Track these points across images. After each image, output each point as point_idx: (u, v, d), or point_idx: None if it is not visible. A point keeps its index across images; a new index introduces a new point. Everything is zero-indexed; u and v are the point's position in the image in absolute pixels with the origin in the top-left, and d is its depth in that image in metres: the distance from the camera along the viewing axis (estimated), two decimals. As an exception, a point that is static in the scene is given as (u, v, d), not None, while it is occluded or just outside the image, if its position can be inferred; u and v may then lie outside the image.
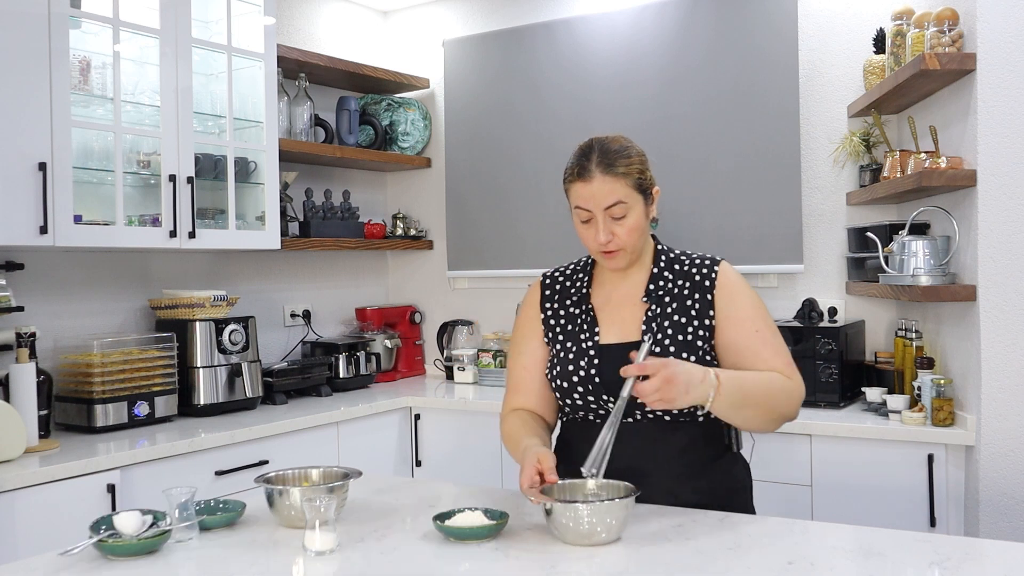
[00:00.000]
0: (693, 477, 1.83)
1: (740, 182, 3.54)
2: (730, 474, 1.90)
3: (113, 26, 2.94)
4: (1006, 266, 2.59)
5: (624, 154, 1.81)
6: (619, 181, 1.79)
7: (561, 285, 1.99)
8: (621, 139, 1.85)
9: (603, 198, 1.79)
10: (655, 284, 1.88)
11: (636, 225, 1.81)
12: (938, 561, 1.48)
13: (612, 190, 1.78)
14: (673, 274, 1.89)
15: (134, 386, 3.00)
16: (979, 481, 2.60)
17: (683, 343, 1.82)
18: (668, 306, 1.86)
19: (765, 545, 1.57)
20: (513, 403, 1.98)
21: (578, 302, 1.94)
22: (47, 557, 1.60)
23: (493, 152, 4.11)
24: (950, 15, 2.70)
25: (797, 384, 1.83)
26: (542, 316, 1.97)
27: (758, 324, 1.84)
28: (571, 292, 1.97)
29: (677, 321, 1.84)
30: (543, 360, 1.96)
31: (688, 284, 1.87)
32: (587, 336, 1.88)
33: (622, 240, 1.81)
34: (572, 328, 1.92)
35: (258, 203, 3.46)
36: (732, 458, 1.91)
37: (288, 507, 1.73)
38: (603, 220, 1.80)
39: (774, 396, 1.78)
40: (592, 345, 1.86)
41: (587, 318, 1.91)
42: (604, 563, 1.51)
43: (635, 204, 1.81)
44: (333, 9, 4.28)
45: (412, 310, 4.37)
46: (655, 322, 1.84)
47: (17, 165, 2.62)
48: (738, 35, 3.55)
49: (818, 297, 3.42)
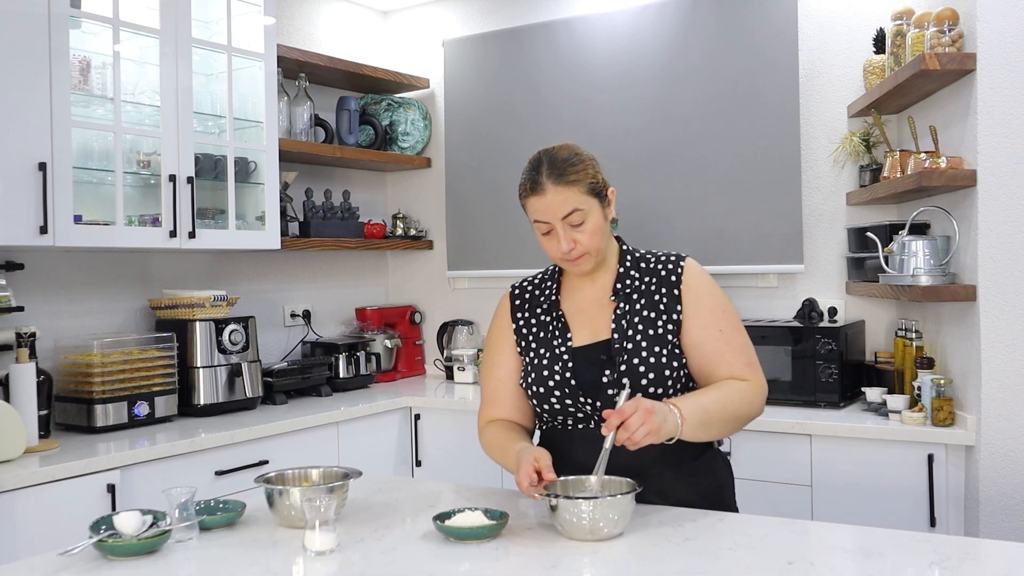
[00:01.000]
0: (681, 476, 1.86)
1: (740, 182, 3.54)
2: (713, 471, 1.93)
3: (113, 26, 2.94)
4: (1006, 266, 2.59)
5: (573, 162, 1.83)
6: (571, 189, 1.81)
7: (530, 295, 2.02)
8: (569, 147, 1.88)
9: (558, 208, 1.81)
10: (622, 283, 1.91)
11: (596, 229, 1.84)
12: (938, 561, 1.48)
13: (566, 199, 1.80)
14: (639, 272, 1.92)
15: (134, 386, 3.00)
16: (979, 481, 2.60)
17: (653, 337, 1.84)
18: (636, 303, 1.89)
19: (765, 545, 1.57)
20: (489, 415, 2.00)
21: (548, 309, 1.97)
22: (47, 557, 1.60)
23: (493, 152, 4.11)
24: (950, 15, 2.70)
25: (757, 385, 1.87)
26: (514, 327, 2.00)
27: (722, 324, 1.87)
28: (540, 301, 1.99)
29: (646, 316, 1.87)
30: (516, 371, 1.98)
31: (655, 280, 1.90)
32: (560, 341, 1.91)
33: (584, 245, 1.84)
34: (544, 335, 1.94)
35: (258, 203, 3.46)
36: (713, 455, 1.95)
37: (288, 507, 1.73)
38: (563, 229, 1.82)
39: (735, 406, 1.82)
40: (566, 349, 1.89)
41: (559, 324, 1.93)
42: (604, 563, 1.52)
43: (591, 209, 1.83)
44: (333, 9, 4.28)
45: (412, 310, 4.37)
46: (624, 319, 1.87)
47: (17, 165, 2.62)
48: (738, 35, 3.55)
49: (818, 297, 3.42)
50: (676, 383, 1.85)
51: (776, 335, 3.19)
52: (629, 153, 3.74)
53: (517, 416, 1.98)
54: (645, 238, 3.61)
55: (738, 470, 2.94)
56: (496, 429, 1.95)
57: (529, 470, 1.67)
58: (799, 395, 3.12)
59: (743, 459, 2.97)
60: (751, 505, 2.74)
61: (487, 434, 1.97)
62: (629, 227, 3.63)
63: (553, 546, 1.59)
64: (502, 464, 1.89)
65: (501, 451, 1.88)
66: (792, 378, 3.14)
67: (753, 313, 3.59)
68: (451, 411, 3.60)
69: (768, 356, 3.17)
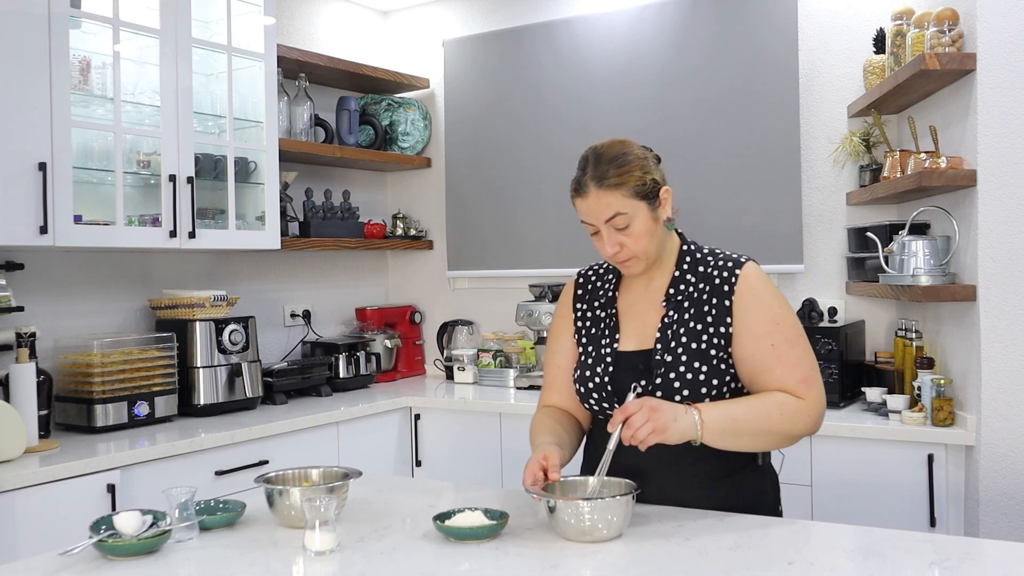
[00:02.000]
0: (704, 488, 1.80)
1: (740, 182, 3.54)
2: (747, 487, 1.84)
3: (113, 26, 2.94)
4: (1006, 266, 2.59)
5: (618, 163, 1.76)
6: (614, 193, 1.74)
7: (593, 285, 1.99)
8: (618, 145, 1.80)
9: (600, 212, 1.76)
10: (675, 288, 1.84)
11: (643, 232, 1.77)
12: (938, 561, 1.48)
13: (608, 204, 1.75)
14: (696, 276, 1.84)
15: (134, 386, 3.00)
16: (979, 481, 2.60)
17: (696, 352, 1.78)
18: (686, 311, 1.82)
19: (765, 545, 1.57)
20: (546, 399, 2.00)
21: (605, 305, 1.93)
22: (47, 557, 1.60)
23: (493, 152, 4.11)
24: (950, 15, 2.70)
25: (809, 401, 1.75)
26: (573, 315, 1.97)
27: (775, 338, 1.76)
28: (600, 294, 1.96)
29: (692, 328, 1.80)
30: (574, 358, 1.96)
31: (708, 288, 1.82)
32: (608, 342, 1.87)
33: (631, 249, 1.78)
34: (596, 332, 1.91)
35: (258, 203, 3.46)
36: (754, 470, 1.86)
37: (288, 507, 1.73)
38: (607, 232, 1.78)
39: (772, 420, 1.72)
40: (610, 352, 1.86)
41: (611, 323, 1.90)
42: (604, 563, 1.51)
43: (637, 212, 1.76)
44: (333, 9, 4.28)
45: (412, 310, 4.37)
46: (670, 329, 1.81)
47: (17, 165, 2.62)
48: (738, 35, 3.55)
49: (818, 297, 3.42)
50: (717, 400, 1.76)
51: (776, 335, 3.18)
52: (629, 153, 3.74)
53: (572, 404, 1.96)
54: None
55: (738, 470, 2.95)
56: (541, 417, 1.94)
57: (535, 468, 1.67)
58: (799, 395, 3.11)
59: (743, 459, 2.97)
60: (751, 505, 2.75)
61: (536, 418, 1.96)
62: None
63: (553, 546, 1.59)
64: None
65: (533, 440, 1.88)
66: (792, 378, 3.13)
67: (753, 313, 3.58)
68: (451, 411, 3.60)
69: (768, 356, 3.17)
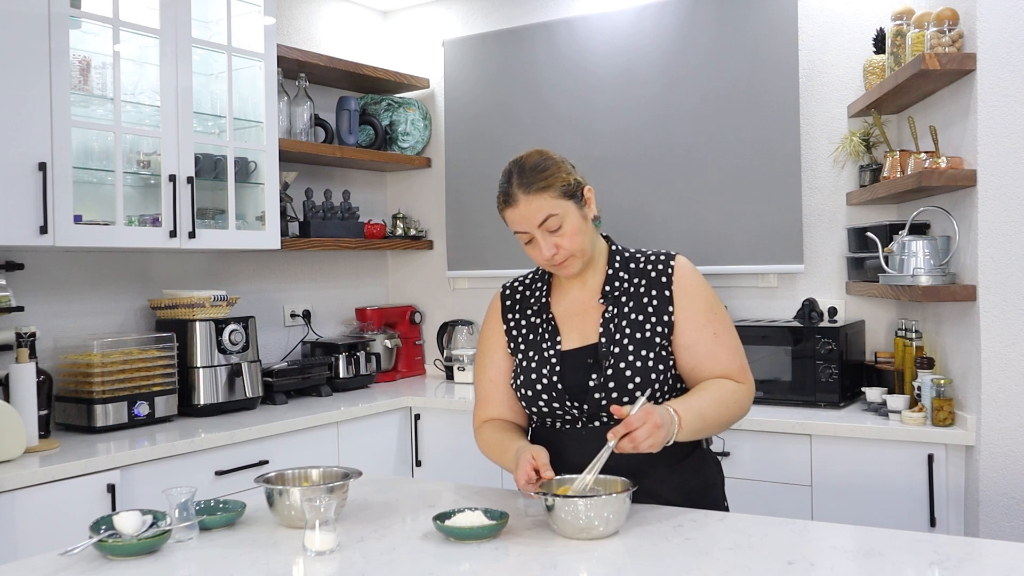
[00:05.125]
0: (671, 475, 1.86)
1: (740, 182, 3.54)
2: (701, 471, 1.93)
3: (113, 26, 2.94)
4: (1006, 266, 2.59)
5: (542, 167, 1.83)
6: (543, 196, 1.81)
7: (521, 295, 2.02)
8: (537, 153, 1.86)
9: (533, 217, 1.82)
10: (611, 285, 1.91)
11: (575, 230, 1.84)
12: (938, 561, 1.48)
13: (539, 207, 1.81)
14: (629, 273, 1.92)
15: (134, 386, 3.00)
16: (979, 481, 2.60)
17: (640, 341, 1.84)
18: (625, 306, 1.88)
19: (765, 545, 1.57)
20: (484, 415, 2.01)
21: (538, 311, 1.97)
22: (47, 557, 1.60)
23: (493, 152, 4.10)
24: (950, 15, 2.70)
25: (748, 387, 1.89)
26: (504, 327, 2.00)
27: (716, 326, 1.87)
28: (531, 302, 1.99)
29: (634, 320, 1.87)
30: (508, 371, 1.98)
31: (644, 281, 1.90)
32: (549, 344, 1.91)
33: (568, 248, 1.84)
34: (534, 337, 1.94)
35: (258, 203, 3.46)
36: (701, 454, 1.94)
37: (288, 507, 1.73)
38: (542, 237, 1.83)
39: (729, 411, 1.84)
40: (554, 353, 1.89)
41: (548, 327, 1.93)
42: (604, 563, 1.51)
43: (567, 212, 1.82)
44: (333, 9, 4.28)
45: (412, 310, 4.37)
46: (612, 323, 1.87)
47: (17, 165, 2.62)
48: (738, 35, 3.55)
49: (818, 297, 3.42)
50: (663, 386, 1.85)
51: (776, 335, 3.19)
52: (629, 153, 3.75)
53: (511, 415, 1.99)
54: (644, 238, 3.61)
55: (737, 470, 2.96)
56: (492, 429, 1.95)
57: (527, 468, 1.68)
58: (799, 395, 3.12)
59: (742, 459, 2.97)
60: (751, 505, 2.75)
61: (483, 434, 1.97)
62: (629, 227, 3.65)
63: (553, 546, 1.59)
64: (500, 463, 1.89)
65: (498, 450, 1.89)
66: (792, 378, 3.14)
67: (753, 313, 3.59)
68: (451, 411, 3.60)
69: (768, 356, 3.17)
